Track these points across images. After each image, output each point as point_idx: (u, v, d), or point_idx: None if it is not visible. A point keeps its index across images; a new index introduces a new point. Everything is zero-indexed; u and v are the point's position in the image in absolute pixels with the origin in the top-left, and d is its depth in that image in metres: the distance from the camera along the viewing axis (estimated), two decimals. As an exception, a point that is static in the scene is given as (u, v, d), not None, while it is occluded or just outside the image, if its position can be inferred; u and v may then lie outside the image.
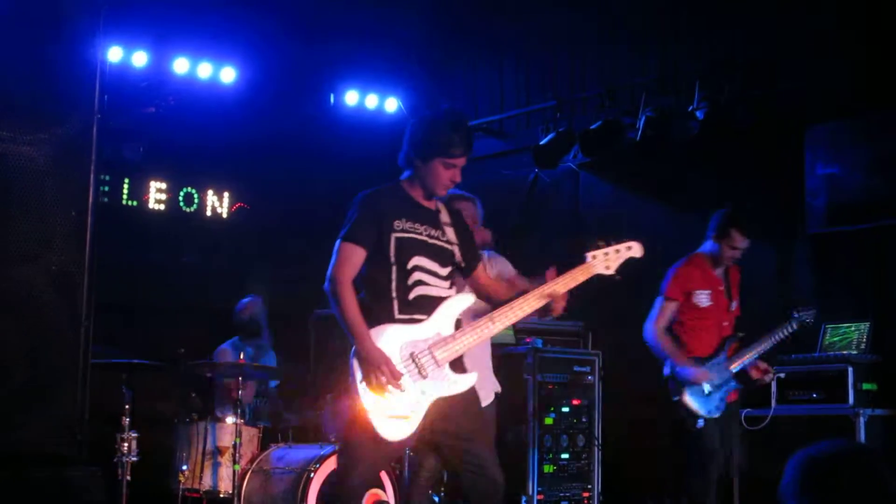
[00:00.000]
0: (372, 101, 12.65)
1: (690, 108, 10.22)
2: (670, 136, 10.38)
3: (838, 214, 9.76)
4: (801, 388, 8.86)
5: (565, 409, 9.72)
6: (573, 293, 5.97)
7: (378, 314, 5.64)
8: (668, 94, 10.69)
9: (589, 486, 9.82)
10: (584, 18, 11.75)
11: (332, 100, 12.47)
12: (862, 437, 8.28)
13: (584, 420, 9.85)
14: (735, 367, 7.83)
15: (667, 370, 7.91)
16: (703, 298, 7.91)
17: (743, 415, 9.01)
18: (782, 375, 8.95)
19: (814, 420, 8.58)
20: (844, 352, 8.80)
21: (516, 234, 11.47)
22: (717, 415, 7.71)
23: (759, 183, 10.16)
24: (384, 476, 8.20)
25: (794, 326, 7.94)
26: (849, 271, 7.72)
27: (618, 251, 6.06)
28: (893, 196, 9.23)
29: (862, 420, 8.33)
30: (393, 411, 5.51)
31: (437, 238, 5.83)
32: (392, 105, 12.75)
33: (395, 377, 5.47)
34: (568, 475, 9.68)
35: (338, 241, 5.70)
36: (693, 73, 10.47)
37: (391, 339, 5.57)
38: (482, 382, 6.46)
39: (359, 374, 5.52)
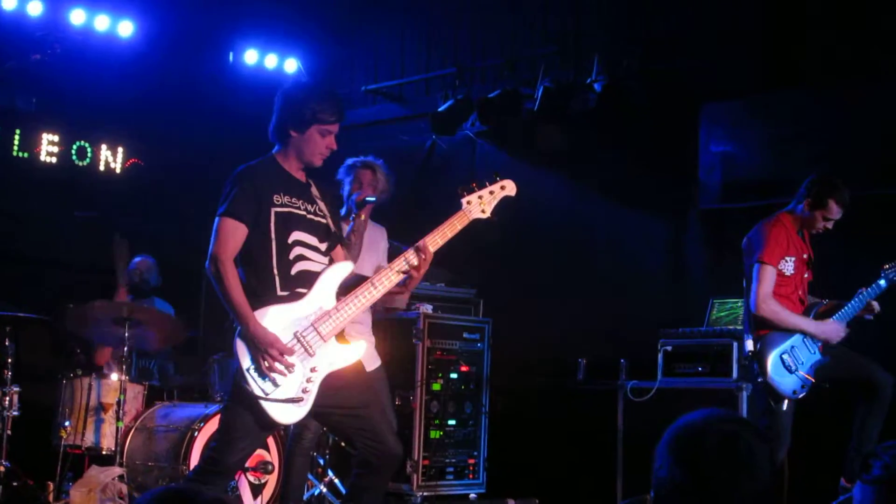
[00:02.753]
0: (271, 60, 12.54)
1: (589, 81, 10.26)
2: (568, 108, 10.41)
3: (731, 191, 9.86)
4: (686, 362, 8.92)
5: (454, 376, 9.73)
6: (464, 258, 5.97)
7: (260, 292, 5.59)
8: (569, 67, 10.72)
9: (475, 453, 9.85)
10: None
11: (231, 58, 12.36)
12: (744, 410, 8.38)
13: (472, 387, 9.88)
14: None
15: (751, 345, 7.49)
16: (789, 266, 7.54)
17: (629, 386, 9.11)
18: (669, 348, 9.02)
19: (698, 392, 8.65)
20: (730, 327, 8.88)
21: (412, 200, 11.46)
22: (801, 394, 7.42)
23: (654, 157, 10.24)
24: (269, 438, 8.17)
25: (884, 284, 7.62)
26: (739, 248, 7.75)
27: (492, 192, 6.02)
28: (786, 175, 9.30)
29: (744, 394, 8.42)
30: (285, 394, 5.46)
31: (315, 213, 5.81)
32: (292, 66, 12.65)
33: (286, 355, 5.44)
34: (454, 441, 9.71)
35: (217, 219, 5.62)
36: (594, 46, 10.50)
37: (274, 321, 5.51)
38: (367, 348, 6.45)
39: (245, 360, 5.47)
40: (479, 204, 5.94)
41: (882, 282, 7.64)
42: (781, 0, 9.68)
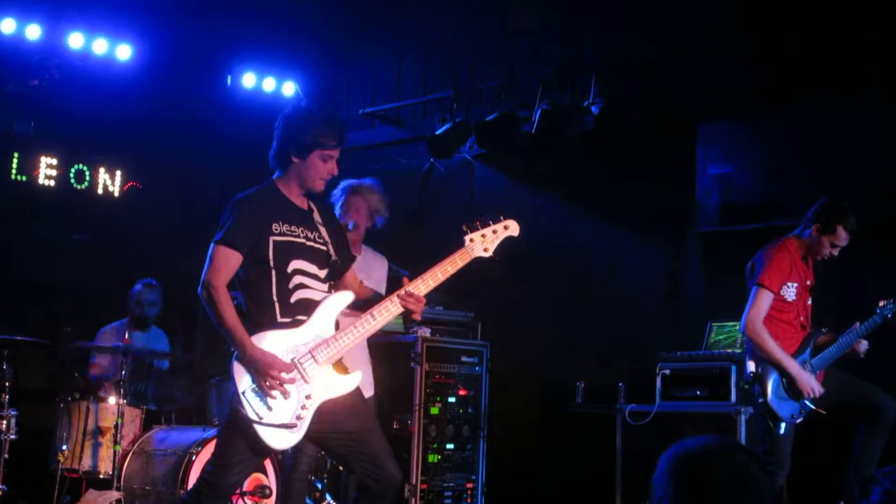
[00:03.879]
0: (269, 84, 12.55)
1: (586, 103, 10.27)
2: (565, 130, 10.42)
3: (729, 213, 9.85)
4: (685, 385, 8.91)
5: (452, 399, 9.72)
6: (462, 282, 5.97)
7: (259, 319, 5.59)
8: (566, 89, 10.73)
9: (473, 477, 9.84)
10: (486, 10, 11.78)
11: (228, 81, 12.36)
12: (742, 434, 8.37)
13: (470, 410, 9.86)
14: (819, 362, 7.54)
15: (752, 367, 7.48)
16: (790, 291, 7.51)
17: (627, 410, 9.10)
18: (667, 372, 9.01)
19: (696, 416, 8.65)
20: (729, 350, 8.87)
21: (409, 223, 11.46)
22: (799, 420, 7.42)
23: (651, 179, 10.24)
24: (266, 460, 8.15)
25: (879, 320, 7.59)
26: (737, 270, 7.73)
27: (495, 231, 6.01)
28: (784, 197, 9.32)
29: (743, 418, 8.40)
30: (279, 419, 5.46)
31: (314, 240, 5.81)
32: (290, 89, 12.66)
33: (286, 374, 5.43)
34: (452, 465, 9.69)
35: (212, 245, 5.63)
36: (591, 68, 10.51)
37: (271, 345, 5.51)
38: (362, 376, 6.46)
39: (241, 384, 5.47)
40: (482, 242, 5.94)
41: (877, 318, 7.62)
42: (776, 20, 9.68)
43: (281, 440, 5.52)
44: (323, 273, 5.80)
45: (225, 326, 5.50)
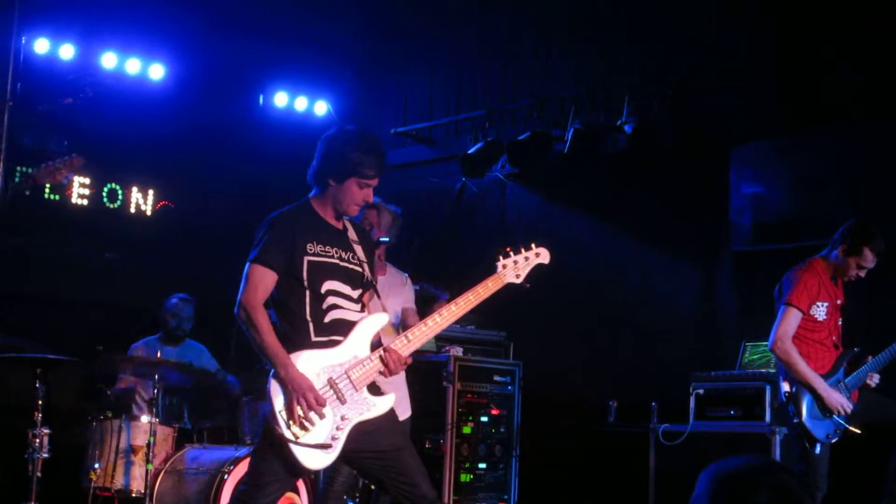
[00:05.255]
0: (301, 103, 12.60)
1: (619, 123, 10.26)
2: (598, 150, 10.41)
3: (762, 233, 9.83)
4: (719, 405, 8.86)
5: (484, 419, 9.70)
6: (495, 301, 5.96)
7: (293, 338, 5.55)
8: (598, 109, 10.72)
9: (505, 497, 9.81)
10: (519, 29, 11.80)
11: (261, 101, 12.42)
12: (777, 455, 8.32)
13: (502, 430, 9.84)
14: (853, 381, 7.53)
15: (787, 387, 7.47)
16: (821, 311, 7.50)
17: (661, 430, 9.05)
18: (701, 392, 8.97)
19: (730, 437, 8.60)
20: (763, 370, 8.82)
21: (441, 242, 11.46)
22: (834, 440, 7.39)
23: (684, 199, 10.22)
24: (299, 481, 8.14)
25: None
26: (771, 289, 7.70)
27: (527, 259, 6.01)
28: (816, 216, 9.29)
29: (778, 438, 8.35)
30: (315, 440, 5.43)
31: (349, 260, 5.77)
32: (321, 108, 12.71)
33: (320, 404, 5.40)
34: (485, 484, 9.67)
35: (247, 265, 5.59)
36: (623, 88, 10.50)
37: (308, 366, 5.48)
38: (399, 398, 6.45)
39: (277, 403, 5.43)
40: (514, 269, 5.94)
41: None
42: (806, 40, 9.66)
43: (316, 460, 5.49)
44: (356, 293, 5.77)
45: (264, 346, 5.46)
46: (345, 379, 5.54)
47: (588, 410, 10.20)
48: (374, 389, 5.71)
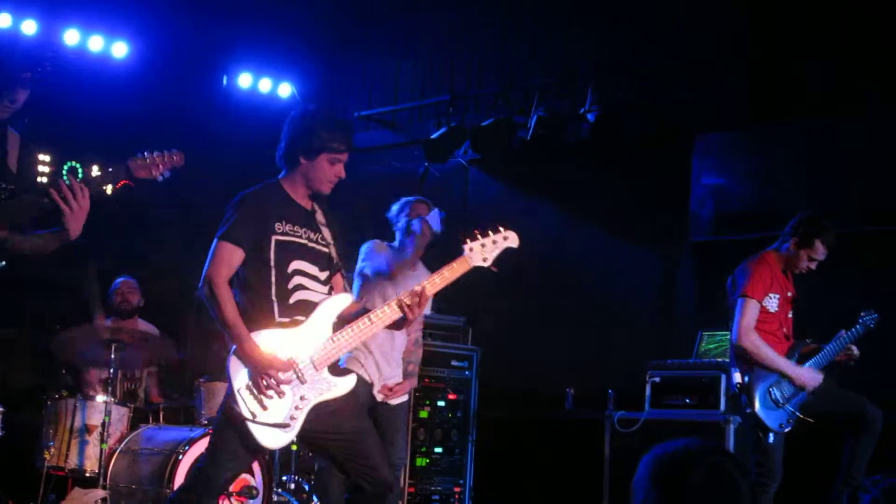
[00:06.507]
0: (265, 85, 12.55)
1: (582, 111, 10.27)
2: (561, 138, 10.42)
3: (723, 223, 9.87)
4: (674, 393, 8.92)
5: (441, 403, 9.71)
6: (454, 286, 5.94)
7: (257, 317, 5.56)
8: (563, 97, 10.73)
9: (461, 481, 9.82)
10: (484, 15, 11.78)
11: (224, 81, 12.36)
12: (731, 443, 8.37)
13: (459, 415, 9.85)
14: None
15: (739, 378, 7.50)
16: (773, 303, 7.55)
17: (616, 417, 9.09)
18: (657, 380, 9.01)
19: (685, 424, 8.65)
20: (719, 359, 8.87)
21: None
22: (787, 429, 7.43)
23: (646, 188, 10.24)
24: (254, 461, 8.11)
25: (861, 329, 7.65)
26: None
27: (494, 242, 5.98)
28: (778, 207, 9.32)
29: (732, 426, 8.40)
30: (273, 419, 5.44)
31: (316, 241, 5.80)
32: (285, 90, 12.66)
33: (279, 383, 5.41)
34: (441, 469, 9.68)
35: (215, 241, 5.63)
36: (588, 77, 10.51)
37: (269, 344, 5.49)
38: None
39: (236, 381, 5.44)
40: (481, 252, 5.92)
41: (859, 327, 7.67)
42: (773, 32, 9.70)
43: (273, 439, 5.49)
44: (324, 275, 5.79)
45: (225, 322, 5.48)
46: (306, 359, 5.54)
47: (545, 397, 10.23)
48: (336, 370, 5.71)
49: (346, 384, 5.71)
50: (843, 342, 7.64)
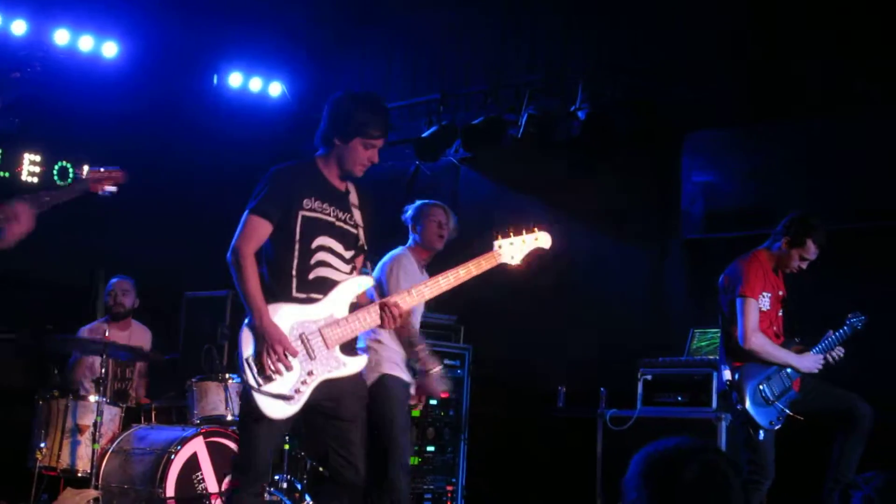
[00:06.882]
0: (256, 84, 12.53)
1: (573, 109, 10.26)
2: (551, 136, 10.42)
3: (714, 221, 9.87)
4: (666, 391, 8.93)
5: (433, 402, 9.70)
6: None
7: (275, 291, 5.64)
8: (554, 95, 10.72)
9: (453, 480, 9.83)
10: (476, 14, 11.77)
11: (215, 81, 12.34)
12: (723, 440, 8.38)
13: (451, 413, 9.85)
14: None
15: (728, 375, 7.52)
16: (764, 301, 7.54)
17: (608, 415, 9.09)
18: (649, 377, 9.02)
19: (677, 422, 8.65)
20: (710, 356, 8.88)
21: (393, 225, 11.43)
22: (777, 426, 7.45)
23: (637, 186, 10.24)
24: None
25: (848, 331, 7.67)
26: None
27: (524, 241, 6.05)
28: (769, 206, 9.33)
29: (724, 424, 8.41)
30: (278, 390, 5.50)
31: (345, 221, 5.85)
32: (276, 89, 12.64)
33: (287, 356, 5.49)
34: (433, 468, 9.69)
35: (245, 213, 5.70)
36: (578, 75, 10.50)
37: (283, 318, 5.57)
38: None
39: (246, 350, 5.52)
40: (510, 250, 5.98)
41: (847, 329, 7.69)
42: (766, 31, 9.70)
43: (276, 410, 5.54)
44: (349, 254, 5.85)
45: (246, 292, 5.56)
46: (317, 335, 5.62)
47: (537, 395, 10.22)
48: (348, 350, 5.76)
49: (355, 364, 5.78)
50: (832, 342, 7.66)
